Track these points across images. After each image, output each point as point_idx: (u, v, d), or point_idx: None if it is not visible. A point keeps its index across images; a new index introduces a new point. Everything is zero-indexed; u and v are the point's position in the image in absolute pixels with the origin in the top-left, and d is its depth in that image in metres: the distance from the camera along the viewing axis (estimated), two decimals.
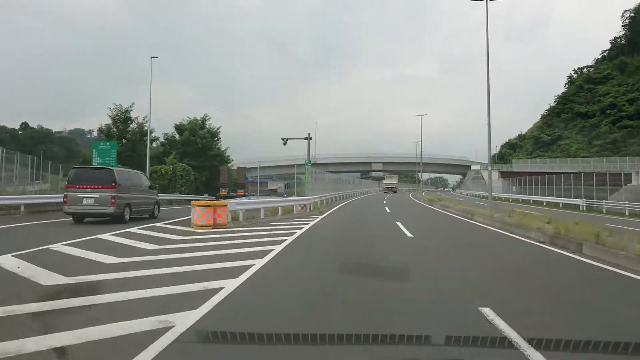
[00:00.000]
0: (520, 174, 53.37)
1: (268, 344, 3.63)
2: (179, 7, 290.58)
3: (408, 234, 12.22)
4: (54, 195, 19.79)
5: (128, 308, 4.61)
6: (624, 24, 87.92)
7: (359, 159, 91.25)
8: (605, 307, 5.20)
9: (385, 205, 29.50)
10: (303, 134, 34.69)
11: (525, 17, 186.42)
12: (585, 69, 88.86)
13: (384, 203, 33.46)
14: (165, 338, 3.69)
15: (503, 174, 68.67)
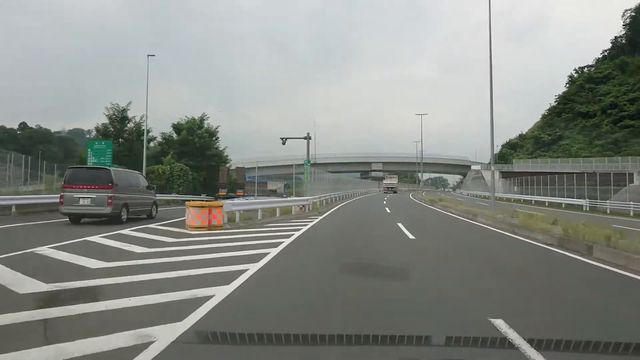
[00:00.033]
0: (521, 174, 52.98)
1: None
2: (179, 7, 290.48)
3: (410, 236, 11.82)
4: (47, 196, 19.41)
5: (107, 320, 4.20)
6: (625, 24, 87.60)
7: (359, 159, 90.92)
8: (629, 316, 4.80)
9: (386, 206, 29.10)
10: (303, 134, 34.30)
11: (526, 16, 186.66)
12: (586, 69, 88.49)
13: (384, 203, 33.06)
14: (144, 356, 3.31)
15: (504, 174, 68.24)
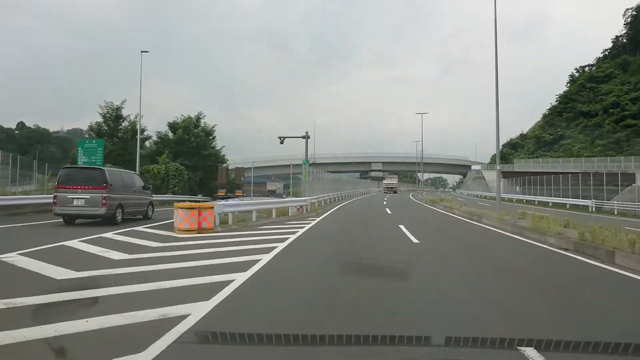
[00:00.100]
0: (522, 174, 52.26)
1: None
2: (179, 7, 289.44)
3: (413, 239, 11.04)
4: (34, 196, 18.66)
5: (46, 354, 3.42)
6: (626, 23, 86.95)
7: (359, 159, 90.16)
8: None
9: (386, 206, 28.34)
10: (302, 134, 33.49)
11: (526, 16, 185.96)
12: (587, 68, 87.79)
13: (385, 204, 32.30)
14: None
15: (504, 174, 67.37)
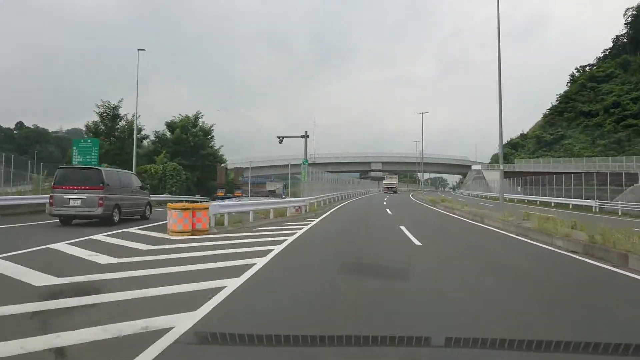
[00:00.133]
0: (523, 174, 51.81)
1: None
2: (179, 7, 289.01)
3: (415, 241, 10.63)
4: (28, 197, 18.31)
5: None
6: (627, 22, 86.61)
7: (358, 159, 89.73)
8: None
9: (386, 207, 27.94)
10: (302, 134, 33.11)
11: (526, 16, 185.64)
12: (588, 68, 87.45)
13: (385, 204, 31.90)
14: None
15: (505, 174, 66.82)
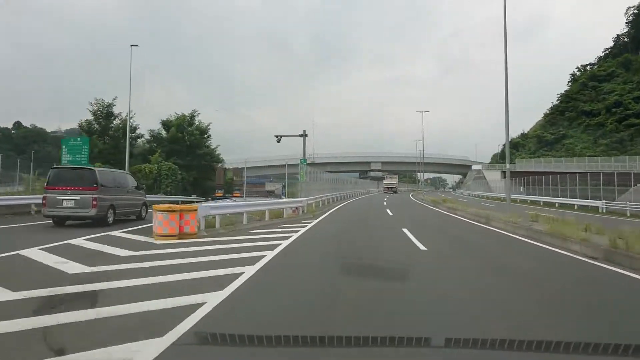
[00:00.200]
0: (524, 174, 51.10)
1: None
2: (179, 7, 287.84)
3: (420, 246, 9.88)
4: (10, 197, 17.58)
5: None
6: (628, 21, 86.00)
7: (358, 159, 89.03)
8: None
9: (387, 207, 27.19)
10: (301, 133, 32.28)
11: (526, 16, 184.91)
12: (589, 67, 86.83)
13: (385, 205, 31.15)
14: None
15: (506, 174, 66.36)
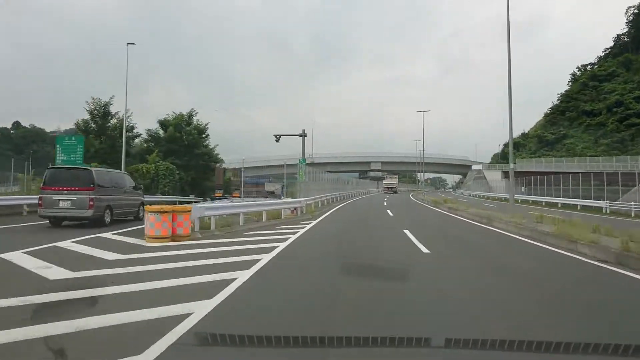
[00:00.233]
0: (526, 174, 50.75)
1: None
2: (179, 7, 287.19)
3: (422, 249, 9.50)
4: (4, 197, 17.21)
5: None
6: (628, 21, 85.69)
7: (358, 159, 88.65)
8: None
9: (387, 208, 26.82)
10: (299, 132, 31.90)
11: (526, 16, 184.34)
12: (589, 66, 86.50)
13: (385, 205, 30.78)
14: None
15: (506, 174, 66.01)
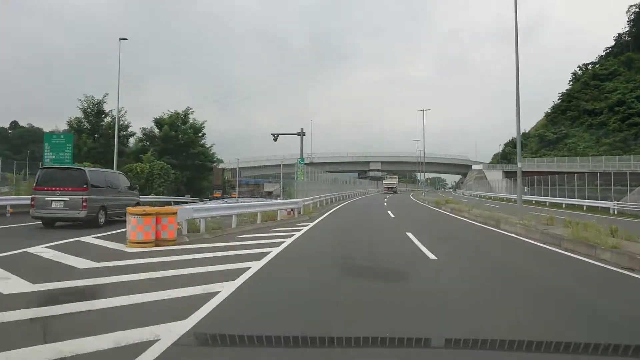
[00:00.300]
0: (527, 174, 49.98)
1: None
2: (179, 6, 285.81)
3: (429, 254, 8.71)
4: None
5: None
6: (629, 20, 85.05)
7: (357, 159, 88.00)
8: None
9: (387, 208, 26.04)
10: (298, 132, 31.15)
11: (526, 16, 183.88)
12: (590, 66, 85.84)
13: (385, 205, 30.01)
14: None
15: (507, 174, 65.36)
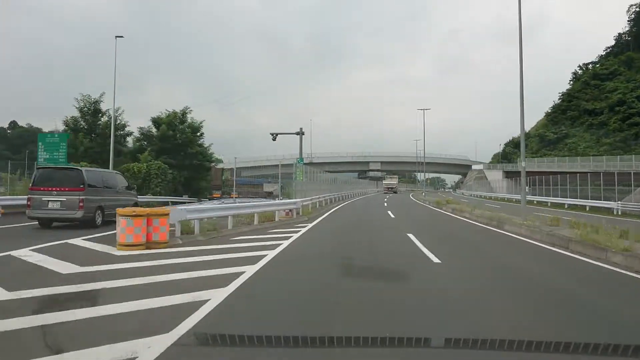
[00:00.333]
0: (527, 174, 49.55)
1: None
2: (177, 6, 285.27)
3: (429, 255, 8.36)
4: None
5: None
6: (630, 19, 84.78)
7: (357, 158, 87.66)
8: None
9: (388, 209, 25.68)
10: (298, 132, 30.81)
11: (526, 16, 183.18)
12: (591, 65, 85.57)
13: (385, 206, 29.65)
14: None
15: (508, 174, 65.06)
